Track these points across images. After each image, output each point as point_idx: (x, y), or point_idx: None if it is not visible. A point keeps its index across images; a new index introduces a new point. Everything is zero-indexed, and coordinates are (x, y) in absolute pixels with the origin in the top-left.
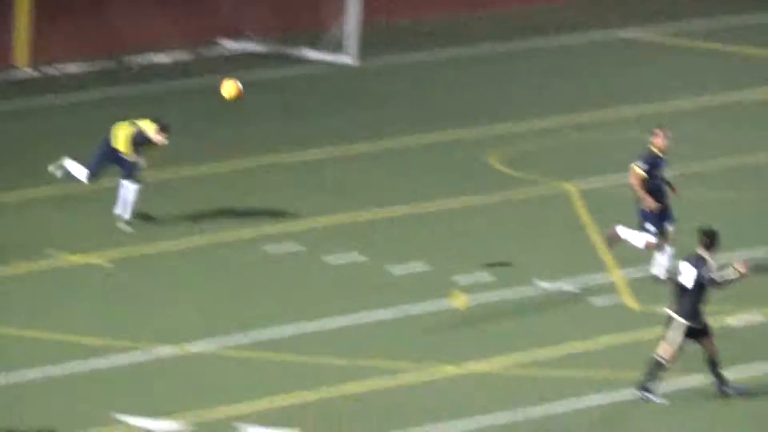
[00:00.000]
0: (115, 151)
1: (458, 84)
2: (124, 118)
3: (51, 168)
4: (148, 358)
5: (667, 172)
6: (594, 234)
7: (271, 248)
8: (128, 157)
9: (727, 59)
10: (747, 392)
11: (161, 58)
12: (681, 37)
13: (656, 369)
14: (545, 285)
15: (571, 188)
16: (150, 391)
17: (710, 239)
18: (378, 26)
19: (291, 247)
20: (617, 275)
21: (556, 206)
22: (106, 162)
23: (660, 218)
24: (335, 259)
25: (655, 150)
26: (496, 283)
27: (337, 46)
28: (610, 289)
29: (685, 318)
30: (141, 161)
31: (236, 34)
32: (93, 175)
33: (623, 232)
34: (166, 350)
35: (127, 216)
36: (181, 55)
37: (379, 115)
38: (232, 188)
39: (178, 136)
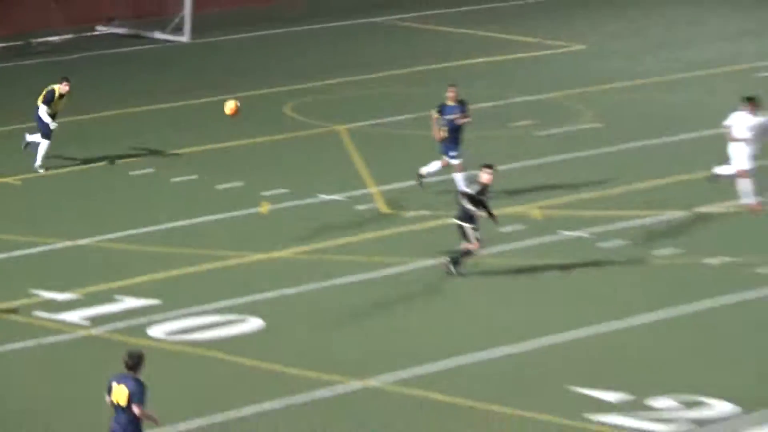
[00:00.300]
0: (37, 112)
1: (265, 56)
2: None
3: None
4: (49, 249)
5: (464, 115)
6: (357, 161)
7: (133, 173)
8: (43, 117)
9: (460, 38)
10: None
11: (54, 38)
12: (426, 22)
13: (465, 256)
14: (324, 197)
15: (342, 129)
16: (52, 273)
17: (488, 169)
18: (210, 14)
19: (147, 171)
20: (375, 189)
21: (332, 142)
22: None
23: (449, 147)
24: (178, 179)
25: (446, 101)
26: (290, 196)
27: (177, 29)
28: (369, 199)
29: (465, 221)
30: (54, 124)
31: (107, 21)
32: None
33: (431, 167)
34: (61, 243)
35: (39, 163)
36: (67, 36)
37: (204, 78)
38: (107, 132)
39: (72, 95)
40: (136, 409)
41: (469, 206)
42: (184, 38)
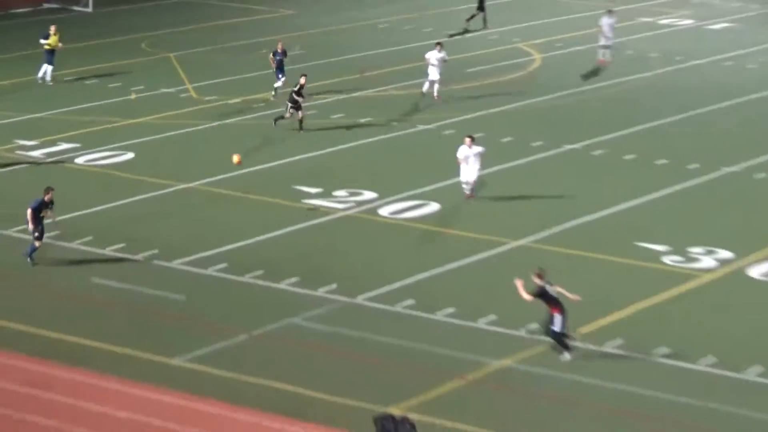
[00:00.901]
0: (47, 51)
1: (135, 18)
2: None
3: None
4: (28, 118)
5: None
6: (181, 72)
7: (57, 73)
8: (48, 49)
9: (235, 8)
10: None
11: (19, 10)
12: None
13: (281, 118)
14: (164, 90)
15: (172, 55)
16: (31, 130)
17: (304, 76)
18: None
19: (65, 78)
20: (190, 86)
21: (167, 63)
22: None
23: (279, 72)
24: (88, 82)
25: (277, 48)
26: (145, 90)
27: (86, 4)
28: (187, 91)
29: (290, 103)
30: (60, 45)
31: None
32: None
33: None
34: (31, 115)
35: (49, 78)
36: (27, 9)
37: (99, 31)
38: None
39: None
40: (28, 211)
41: (291, 98)
42: (89, 9)
